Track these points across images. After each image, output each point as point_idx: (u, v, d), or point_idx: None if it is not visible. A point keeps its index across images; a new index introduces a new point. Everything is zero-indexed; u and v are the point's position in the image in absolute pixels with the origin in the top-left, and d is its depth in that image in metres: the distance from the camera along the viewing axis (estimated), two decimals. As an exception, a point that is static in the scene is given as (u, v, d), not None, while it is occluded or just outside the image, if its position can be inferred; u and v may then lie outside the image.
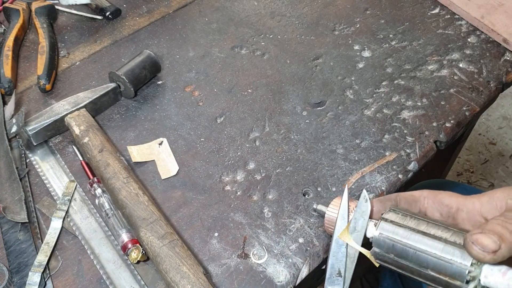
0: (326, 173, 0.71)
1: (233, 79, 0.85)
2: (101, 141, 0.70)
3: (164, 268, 0.58)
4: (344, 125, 0.77)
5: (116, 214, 0.66)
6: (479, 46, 0.88)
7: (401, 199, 0.56)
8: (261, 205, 0.68)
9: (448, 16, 0.93)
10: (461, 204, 0.54)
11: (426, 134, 0.75)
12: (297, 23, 0.94)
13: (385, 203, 0.56)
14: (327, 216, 0.60)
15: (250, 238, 0.65)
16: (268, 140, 0.76)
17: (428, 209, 0.56)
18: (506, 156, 2.06)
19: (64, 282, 0.61)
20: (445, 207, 0.55)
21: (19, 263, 0.62)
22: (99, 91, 0.77)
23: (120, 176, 0.66)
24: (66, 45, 0.90)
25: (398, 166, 0.72)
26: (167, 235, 0.60)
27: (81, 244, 0.64)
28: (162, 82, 0.84)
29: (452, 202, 0.54)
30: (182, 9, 0.97)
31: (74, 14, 0.96)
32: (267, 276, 0.61)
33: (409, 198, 0.57)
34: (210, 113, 0.79)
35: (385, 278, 1.11)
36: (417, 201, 0.57)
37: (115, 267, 0.62)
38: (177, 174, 0.71)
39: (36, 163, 0.72)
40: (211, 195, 0.69)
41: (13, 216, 0.64)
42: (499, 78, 0.83)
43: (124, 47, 0.90)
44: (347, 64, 0.86)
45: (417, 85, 0.82)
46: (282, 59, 0.88)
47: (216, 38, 0.91)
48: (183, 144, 0.75)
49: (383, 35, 0.91)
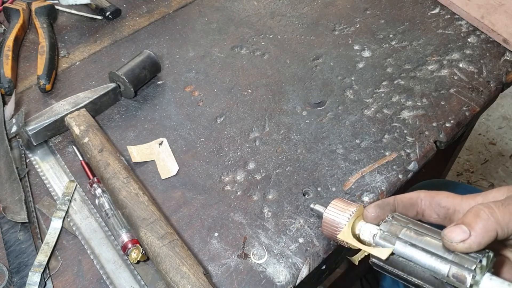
0: (326, 173, 0.71)
1: (233, 79, 0.85)
2: (101, 141, 0.70)
3: (164, 268, 0.58)
4: (344, 125, 0.77)
5: (116, 214, 0.66)
6: (479, 46, 0.88)
7: (399, 203, 0.56)
8: (261, 205, 0.68)
9: (448, 16, 0.93)
10: (457, 206, 0.54)
11: (426, 134, 0.75)
12: (297, 23, 0.94)
13: (383, 208, 0.56)
14: (325, 218, 0.59)
15: (250, 238, 0.65)
16: (268, 140, 0.76)
17: (425, 211, 0.56)
18: (506, 156, 2.06)
19: (64, 282, 0.61)
20: (442, 208, 0.55)
21: (19, 263, 0.62)
22: (99, 91, 0.77)
23: (120, 176, 0.66)
24: (66, 45, 0.90)
25: (398, 166, 0.72)
26: (167, 235, 0.60)
27: (81, 244, 0.64)
28: (162, 82, 0.84)
29: (449, 203, 0.55)
30: (182, 9, 0.97)
31: (74, 14, 0.96)
32: (267, 276, 0.61)
33: (406, 202, 0.57)
34: (210, 113, 0.79)
35: (386, 279, 1.11)
36: (414, 204, 0.57)
37: (115, 267, 0.62)
38: (177, 174, 0.71)
39: (36, 163, 0.72)
40: (211, 195, 0.69)
41: (13, 216, 0.64)
42: (499, 78, 0.83)
43: (124, 47, 0.90)
44: (347, 64, 0.86)
45: (417, 85, 0.82)
46: (282, 59, 0.88)
47: (216, 38, 0.91)
48: (183, 144, 0.75)
49: (383, 35, 0.91)
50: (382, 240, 0.52)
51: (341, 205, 0.58)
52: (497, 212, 0.48)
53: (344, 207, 0.57)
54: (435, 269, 0.48)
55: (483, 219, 0.47)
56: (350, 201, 0.59)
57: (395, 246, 0.51)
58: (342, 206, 0.58)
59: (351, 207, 0.57)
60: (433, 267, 0.48)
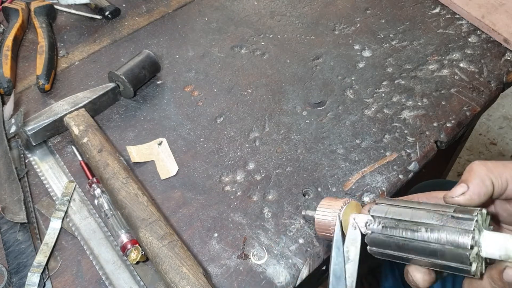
0: (326, 173, 0.71)
1: (233, 79, 0.84)
2: (100, 141, 0.70)
3: (164, 269, 0.57)
4: (344, 125, 0.77)
5: (115, 214, 0.66)
6: (480, 46, 0.87)
7: None
8: (261, 206, 0.68)
9: (448, 16, 0.93)
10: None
11: (426, 134, 0.75)
12: (297, 23, 0.94)
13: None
14: (317, 220, 0.58)
15: (250, 238, 0.64)
16: (268, 140, 0.75)
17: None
18: (506, 156, 2.06)
19: (63, 283, 0.61)
20: (439, 200, 0.55)
21: (18, 263, 0.61)
22: (98, 91, 0.77)
23: (119, 176, 0.66)
24: (65, 44, 0.90)
25: (398, 166, 0.71)
26: (167, 236, 0.60)
27: (80, 244, 0.64)
28: (161, 82, 0.84)
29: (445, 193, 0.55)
30: (182, 8, 0.97)
31: (73, 13, 0.95)
32: (267, 277, 0.61)
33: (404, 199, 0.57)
34: (209, 113, 0.79)
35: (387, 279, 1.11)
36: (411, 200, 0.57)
37: (114, 268, 0.62)
38: (176, 174, 0.71)
39: (35, 163, 0.72)
40: (210, 196, 0.69)
41: (12, 216, 0.64)
42: (500, 78, 0.83)
43: (123, 47, 0.89)
44: (347, 64, 0.86)
45: (417, 85, 0.82)
46: (282, 58, 0.87)
47: (216, 38, 0.91)
48: (182, 144, 0.75)
49: (383, 34, 0.90)
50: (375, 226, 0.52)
51: (329, 203, 0.58)
52: (489, 164, 0.50)
53: (332, 204, 0.57)
54: (432, 239, 0.48)
55: (477, 171, 0.49)
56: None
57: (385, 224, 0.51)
58: (330, 204, 0.57)
59: (339, 202, 0.57)
60: (431, 238, 0.48)
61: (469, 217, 0.47)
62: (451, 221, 0.47)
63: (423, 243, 0.48)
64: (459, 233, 0.46)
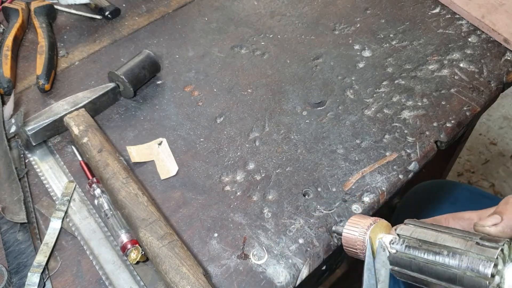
0: (326, 173, 0.71)
1: (232, 79, 0.84)
2: (100, 141, 0.70)
3: (164, 269, 0.57)
4: (344, 125, 0.77)
5: (115, 214, 0.66)
6: (480, 46, 0.87)
7: None
8: (261, 206, 0.68)
9: (448, 16, 0.93)
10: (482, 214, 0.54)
11: (426, 134, 0.75)
12: (297, 23, 0.94)
13: None
14: (344, 236, 0.57)
15: (250, 238, 0.64)
16: (268, 140, 0.75)
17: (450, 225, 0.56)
18: (507, 156, 2.06)
19: (63, 283, 0.61)
20: (466, 220, 0.55)
21: (18, 263, 0.61)
22: (98, 91, 0.77)
23: (119, 176, 0.66)
24: (65, 44, 0.90)
25: (398, 166, 0.71)
26: (167, 236, 0.60)
27: (80, 244, 0.64)
28: (161, 82, 0.84)
29: (473, 215, 0.55)
30: (182, 8, 0.97)
31: (73, 13, 0.95)
32: (267, 277, 0.61)
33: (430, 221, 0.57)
34: (209, 113, 0.79)
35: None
36: (439, 221, 0.57)
37: (114, 268, 0.62)
38: (176, 174, 0.71)
39: (35, 163, 0.72)
40: (210, 196, 0.69)
41: (12, 216, 0.64)
42: (500, 78, 0.83)
43: (123, 47, 0.89)
44: (347, 64, 0.86)
45: (417, 85, 0.82)
46: (282, 59, 0.87)
47: (216, 38, 0.91)
48: (182, 144, 0.75)
49: (383, 34, 0.90)
50: (399, 245, 0.52)
51: (357, 220, 0.57)
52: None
53: (360, 221, 0.56)
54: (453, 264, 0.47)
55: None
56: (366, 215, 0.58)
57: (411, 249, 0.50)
58: (358, 221, 0.57)
59: (368, 220, 0.56)
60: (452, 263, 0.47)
61: (495, 246, 0.45)
62: (475, 248, 0.46)
63: (443, 267, 0.47)
64: (481, 260, 0.45)
